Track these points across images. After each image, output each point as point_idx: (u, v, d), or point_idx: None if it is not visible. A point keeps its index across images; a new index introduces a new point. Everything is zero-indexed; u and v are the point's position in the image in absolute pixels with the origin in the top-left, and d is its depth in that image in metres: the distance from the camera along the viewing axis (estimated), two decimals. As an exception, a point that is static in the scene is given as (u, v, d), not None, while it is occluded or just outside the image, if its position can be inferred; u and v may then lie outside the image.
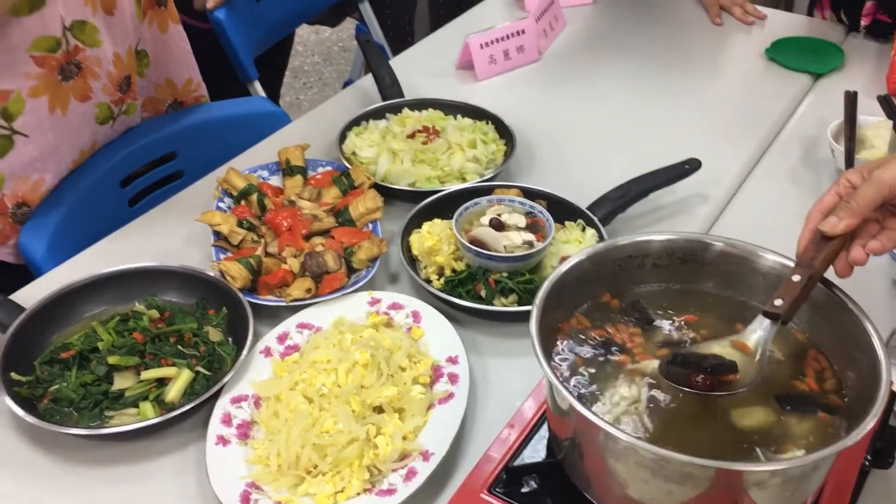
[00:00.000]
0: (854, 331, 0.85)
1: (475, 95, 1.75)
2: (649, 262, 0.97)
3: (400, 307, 1.22)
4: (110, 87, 1.41)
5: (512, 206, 1.33)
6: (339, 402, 1.04)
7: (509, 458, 0.91)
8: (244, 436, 1.04)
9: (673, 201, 1.47)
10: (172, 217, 1.42)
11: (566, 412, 0.83)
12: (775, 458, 0.78)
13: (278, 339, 1.17)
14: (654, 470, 0.75)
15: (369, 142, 1.54)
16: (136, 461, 1.04)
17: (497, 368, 1.17)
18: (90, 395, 1.07)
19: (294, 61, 3.95)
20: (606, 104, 1.76)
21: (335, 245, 1.28)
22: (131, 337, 1.12)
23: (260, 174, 1.46)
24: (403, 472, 0.99)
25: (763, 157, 1.61)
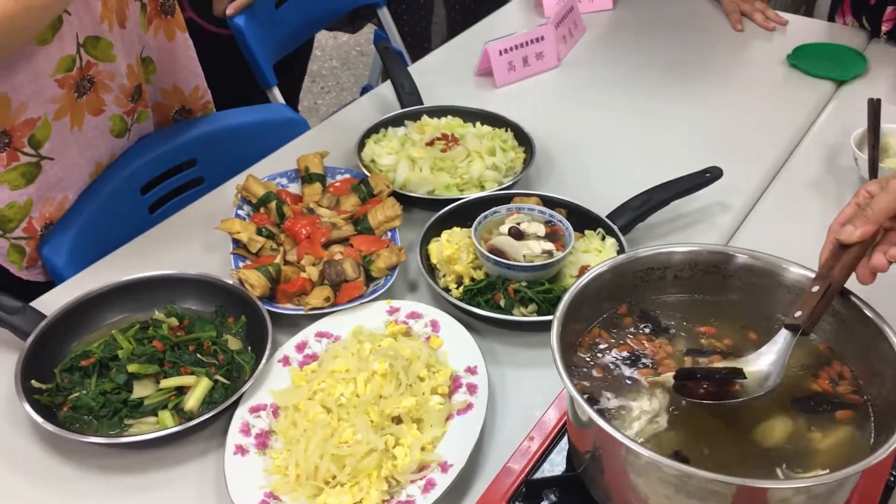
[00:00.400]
0: (879, 344, 0.84)
1: (494, 102, 1.75)
2: (671, 273, 0.96)
3: (419, 316, 1.21)
4: (122, 99, 1.42)
5: (531, 215, 1.32)
6: (358, 412, 1.04)
7: (529, 470, 0.90)
8: (262, 445, 1.04)
9: (694, 210, 1.45)
10: (192, 225, 1.43)
11: (586, 426, 0.82)
12: (800, 475, 0.77)
13: (297, 348, 1.16)
14: (677, 486, 0.74)
15: (388, 149, 1.54)
16: (154, 470, 1.04)
17: (516, 379, 1.16)
18: (110, 404, 1.07)
19: (312, 66, 3.97)
20: (626, 111, 1.75)
21: (354, 253, 1.28)
22: (151, 345, 1.12)
23: (279, 181, 1.46)
24: (422, 483, 0.98)
25: (785, 165, 1.59)
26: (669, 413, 0.84)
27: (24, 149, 1.28)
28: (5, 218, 1.30)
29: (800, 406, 0.85)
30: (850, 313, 0.88)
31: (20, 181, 1.29)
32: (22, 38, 1.15)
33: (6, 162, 1.26)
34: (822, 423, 0.83)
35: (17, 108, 1.24)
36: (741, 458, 0.80)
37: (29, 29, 1.14)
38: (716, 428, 0.83)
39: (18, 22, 1.09)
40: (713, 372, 0.84)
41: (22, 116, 1.25)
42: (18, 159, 1.28)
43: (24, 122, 1.26)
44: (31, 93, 1.25)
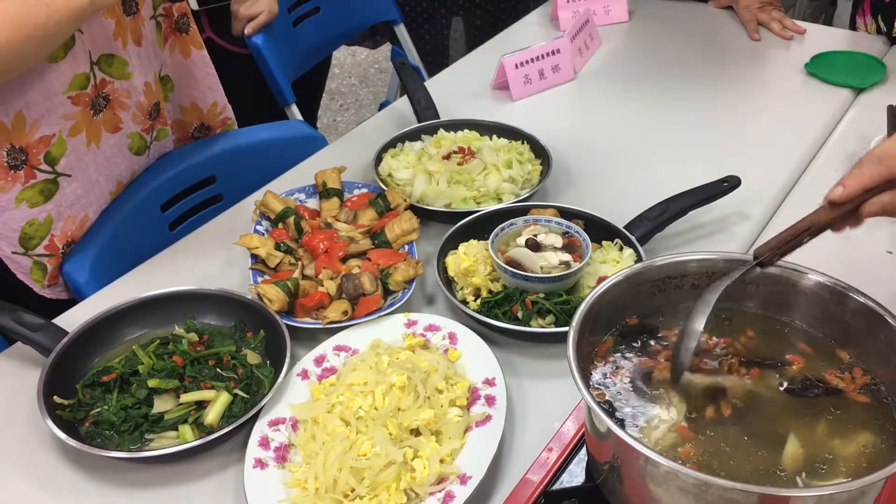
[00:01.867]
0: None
1: (511, 115, 1.75)
2: (688, 282, 0.95)
3: (436, 329, 1.21)
4: (140, 116, 1.44)
5: (548, 227, 1.32)
6: (377, 425, 1.04)
7: (548, 481, 0.90)
8: (282, 459, 1.04)
9: (712, 220, 1.45)
10: (211, 241, 1.44)
11: (605, 436, 0.82)
12: (821, 482, 0.76)
13: (315, 362, 1.17)
14: (696, 495, 0.73)
15: (405, 163, 1.54)
16: (175, 484, 1.05)
17: (535, 390, 1.16)
18: (130, 418, 1.08)
19: (331, 83, 4.00)
20: (643, 122, 1.75)
21: (371, 267, 1.29)
22: (171, 360, 1.13)
23: (297, 197, 1.47)
24: (441, 495, 0.98)
25: (804, 174, 1.58)
26: (688, 421, 0.83)
27: (40, 166, 1.30)
28: (27, 235, 1.32)
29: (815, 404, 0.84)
30: (871, 318, 0.87)
31: (38, 198, 1.31)
32: (22, 65, 1.16)
33: (24, 180, 1.28)
34: (843, 430, 0.82)
35: (32, 125, 1.26)
36: (762, 466, 0.79)
37: (29, 57, 1.15)
38: (736, 436, 0.82)
39: (19, 49, 1.11)
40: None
41: (36, 133, 1.27)
42: (35, 177, 1.30)
43: (39, 139, 1.28)
44: (45, 110, 1.27)
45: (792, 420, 0.83)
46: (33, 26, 1.10)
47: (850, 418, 0.84)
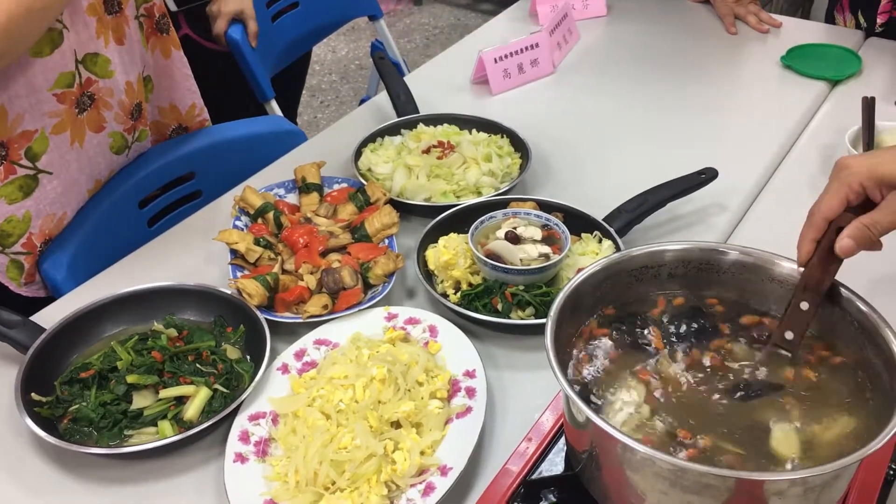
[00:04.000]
0: (876, 339, 0.84)
1: (490, 110, 1.76)
2: (665, 272, 0.96)
3: (416, 322, 1.21)
4: (122, 116, 1.43)
5: (528, 219, 1.33)
6: (357, 418, 1.04)
7: (527, 471, 0.90)
8: (262, 453, 1.04)
9: (690, 212, 1.46)
10: (190, 237, 1.44)
11: (583, 424, 0.82)
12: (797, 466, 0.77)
13: (295, 356, 1.17)
14: (672, 481, 0.74)
15: (385, 158, 1.54)
16: (155, 480, 1.04)
17: (515, 382, 1.16)
18: (109, 415, 1.07)
19: (311, 80, 3.99)
20: (622, 115, 1.76)
21: (351, 261, 1.29)
22: (150, 356, 1.13)
23: (276, 192, 1.47)
24: (422, 487, 0.98)
25: (780, 165, 1.60)
26: (650, 402, 0.84)
27: (20, 161, 1.29)
28: (4, 233, 1.31)
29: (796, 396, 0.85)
30: (845, 307, 0.88)
31: (17, 194, 1.30)
32: (24, 41, 1.15)
33: (3, 175, 1.27)
34: (819, 416, 0.83)
35: (14, 120, 1.25)
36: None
37: (30, 32, 1.14)
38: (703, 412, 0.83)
39: (21, 24, 1.10)
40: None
41: (18, 128, 1.26)
42: (15, 172, 1.29)
43: (20, 134, 1.27)
44: (28, 105, 1.26)
45: (768, 409, 0.84)
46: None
47: (825, 403, 0.84)
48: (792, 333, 0.87)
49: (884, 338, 0.82)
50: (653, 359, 0.89)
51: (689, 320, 0.94)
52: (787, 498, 0.73)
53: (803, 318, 0.87)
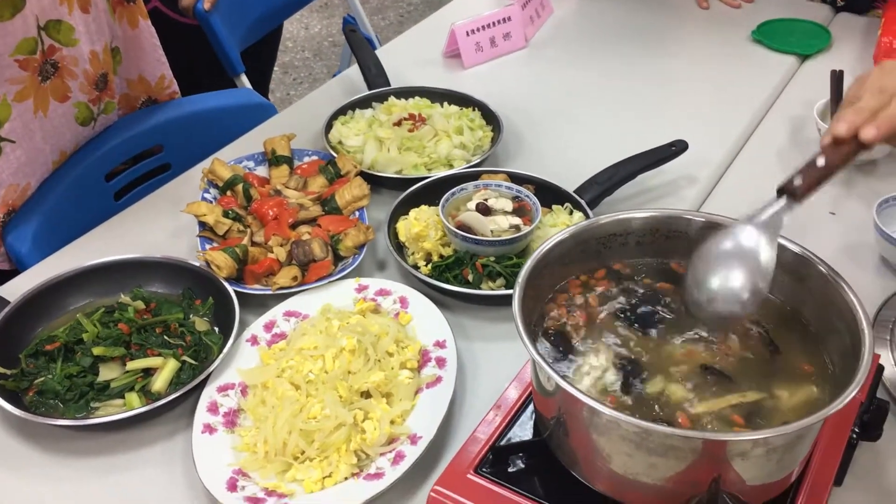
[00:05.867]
0: (838, 302, 0.85)
1: (462, 83, 1.75)
2: (633, 239, 0.96)
3: (387, 293, 1.21)
4: (87, 86, 1.41)
5: (499, 191, 1.33)
6: (326, 388, 1.04)
7: (496, 438, 0.91)
8: (231, 424, 1.04)
9: (661, 183, 1.46)
10: (158, 210, 1.42)
11: (550, 389, 0.83)
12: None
13: (265, 328, 1.16)
14: (637, 443, 0.74)
15: (355, 130, 1.53)
16: (123, 451, 1.03)
17: (485, 352, 1.17)
18: (76, 387, 1.06)
19: (284, 57, 3.95)
20: (593, 89, 1.76)
21: (321, 233, 1.28)
22: (116, 328, 1.12)
23: (245, 165, 1.45)
24: (391, 455, 0.99)
25: (750, 138, 1.61)
26: (616, 366, 0.84)
27: None
28: None
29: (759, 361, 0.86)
30: (807, 270, 0.89)
31: None
32: None
33: None
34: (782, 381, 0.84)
35: None
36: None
37: None
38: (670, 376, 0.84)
39: None
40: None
41: None
42: None
43: None
44: None
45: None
46: None
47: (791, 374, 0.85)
48: (801, 180, 0.85)
49: (845, 301, 0.83)
50: (621, 325, 0.90)
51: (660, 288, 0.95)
52: (749, 458, 0.74)
53: (816, 172, 0.86)
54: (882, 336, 1.11)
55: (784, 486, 0.82)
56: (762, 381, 0.84)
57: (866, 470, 0.98)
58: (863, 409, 0.93)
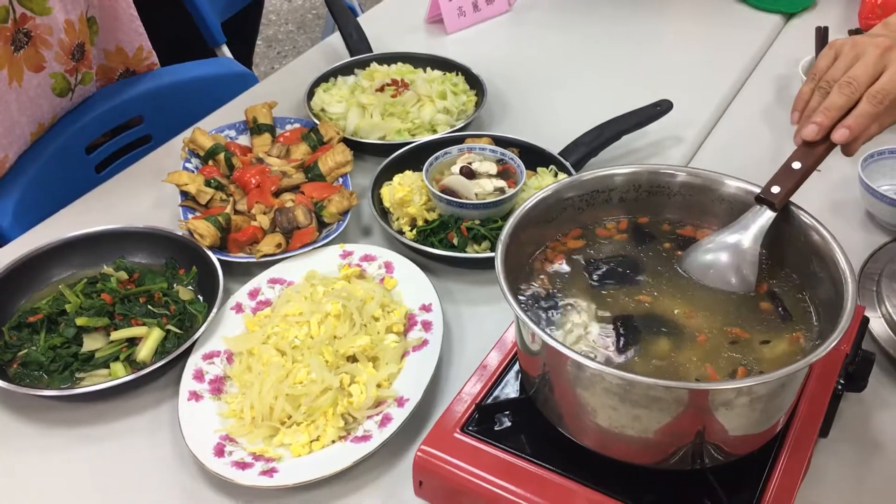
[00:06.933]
0: (821, 252, 0.84)
1: (445, 49, 1.73)
2: (616, 196, 0.96)
3: (372, 259, 1.20)
4: (63, 56, 1.38)
5: (483, 154, 1.32)
6: (312, 353, 1.03)
7: (482, 397, 0.90)
8: (217, 391, 1.03)
9: (647, 144, 1.46)
10: (139, 181, 1.41)
11: (534, 345, 0.82)
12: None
13: (249, 295, 1.15)
14: (621, 396, 0.74)
15: (338, 97, 1.52)
16: (109, 421, 1.03)
17: (472, 315, 1.16)
18: (60, 358, 1.06)
19: (268, 30, 3.91)
20: (577, 51, 1.74)
21: (305, 200, 1.27)
22: (99, 298, 1.11)
23: (227, 134, 1.44)
24: (378, 418, 0.98)
25: (736, 97, 1.60)
26: (598, 321, 0.84)
27: None
28: None
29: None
30: (790, 221, 0.88)
31: None
32: None
33: None
34: (768, 329, 0.84)
35: None
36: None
37: None
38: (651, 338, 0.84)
39: None
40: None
41: None
42: None
43: None
44: None
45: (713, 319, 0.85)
46: None
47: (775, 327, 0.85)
48: (779, 188, 0.87)
49: (830, 251, 0.83)
50: (604, 281, 0.89)
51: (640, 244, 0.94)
52: (733, 408, 0.74)
53: (792, 177, 0.88)
54: (868, 288, 1.12)
55: (769, 437, 0.82)
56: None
57: (852, 422, 0.99)
58: (848, 360, 0.93)
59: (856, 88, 0.88)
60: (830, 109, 0.88)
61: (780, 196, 0.87)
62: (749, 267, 0.87)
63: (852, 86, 0.88)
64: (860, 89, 0.88)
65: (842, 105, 0.88)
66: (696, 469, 0.80)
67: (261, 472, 0.93)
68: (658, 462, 0.80)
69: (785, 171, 0.88)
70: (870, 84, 0.88)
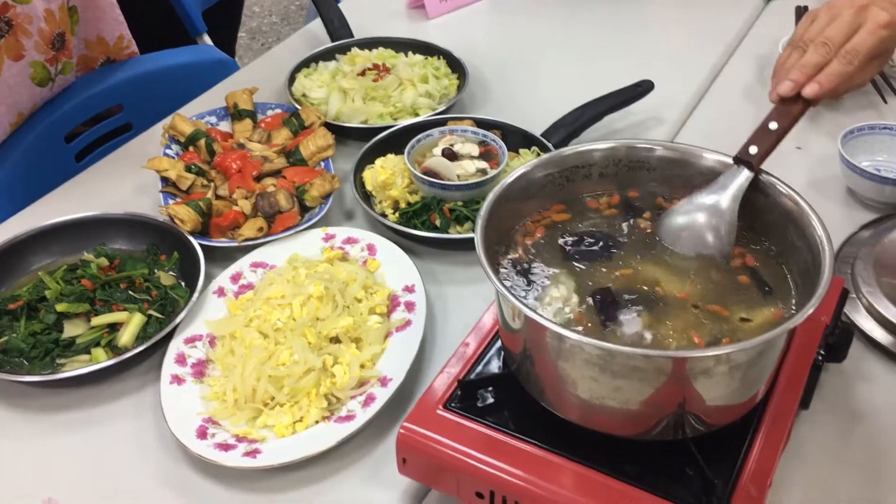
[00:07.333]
0: (799, 222, 0.85)
1: (427, 34, 1.72)
2: (596, 171, 0.96)
3: (355, 241, 1.20)
4: (42, 45, 1.37)
5: (465, 136, 1.31)
6: (295, 335, 1.03)
7: (464, 374, 0.90)
8: (200, 374, 1.03)
9: (629, 125, 1.46)
10: (120, 168, 1.40)
11: (514, 319, 0.82)
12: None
13: (231, 279, 1.15)
14: (601, 367, 0.74)
15: (319, 82, 1.51)
16: (91, 406, 1.03)
17: (455, 296, 1.16)
18: (40, 345, 1.05)
19: (251, 22, 3.89)
20: (559, 35, 1.74)
21: (287, 184, 1.26)
22: (80, 284, 1.10)
23: (208, 120, 1.43)
24: (362, 398, 0.98)
25: (717, 77, 1.60)
26: (580, 295, 0.84)
27: None
28: None
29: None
30: (769, 193, 0.89)
31: None
32: None
33: None
34: (747, 303, 0.84)
35: None
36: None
37: None
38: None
39: None
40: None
41: None
42: None
43: None
44: None
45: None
46: None
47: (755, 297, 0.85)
48: (756, 148, 0.88)
49: (806, 219, 0.83)
50: (585, 254, 0.89)
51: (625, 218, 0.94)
52: (713, 377, 0.74)
53: (769, 137, 0.89)
54: (844, 272, 1.12)
55: (750, 407, 0.82)
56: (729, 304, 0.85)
57: (833, 395, 0.99)
58: (828, 331, 0.93)
59: (831, 48, 0.89)
60: (806, 67, 0.89)
61: (757, 156, 0.88)
62: (726, 228, 0.87)
63: (827, 45, 0.89)
64: (835, 48, 0.89)
65: (816, 63, 0.89)
66: (678, 440, 0.80)
67: (244, 454, 0.93)
68: (640, 433, 0.80)
69: (762, 131, 0.89)
70: (844, 43, 0.88)
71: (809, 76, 0.90)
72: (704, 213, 0.89)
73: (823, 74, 0.89)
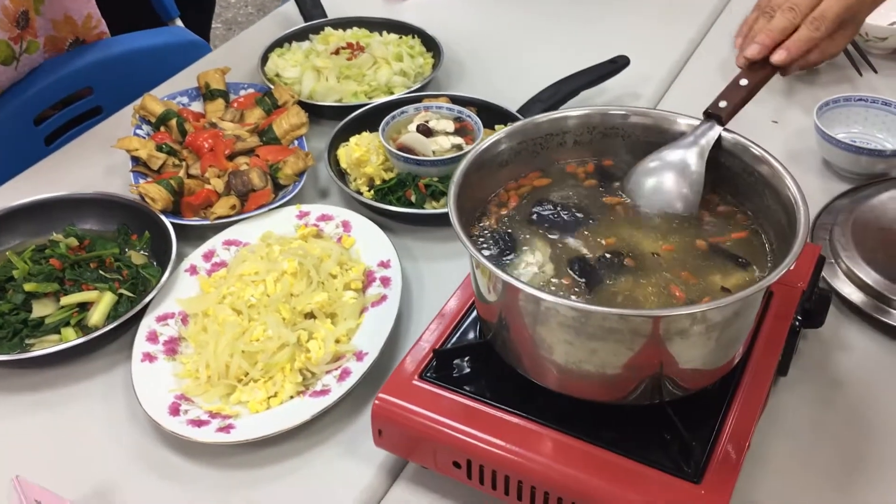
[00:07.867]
0: (773, 184, 0.84)
1: (402, 16, 1.70)
2: (570, 139, 0.95)
3: (329, 218, 1.19)
4: (6, 23, 1.34)
5: (440, 113, 1.30)
6: (269, 311, 1.01)
7: (440, 344, 0.89)
8: (172, 352, 1.01)
9: (606, 101, 1.45)
10: (89, 150, 1.37)
11: (489, 284, 0.81)
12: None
13: (204, 257, 1.13)
14: (577, 329, 0.73)
15: (292, 62, 1.49)
16: (62, 386, 1.01)
17: (431, 272, 1.15)
18: (8, 325, 1.03)
19: (227, 13, 3.86)
20: (535, 13, 1.73)
21: (260, 163, 1.25)
22: (48, 264, 1.08)
23: (179, 101, 1.41)
24: (337, 373, 0.97)
25: (694, 53, 1.60)
26: (555, 261, 0.83)
27: None
28: None
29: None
30: (742, 156, 0.88)
31: None
32: None
33: None
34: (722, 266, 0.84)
35: None
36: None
37: None
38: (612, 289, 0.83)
39: None
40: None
41: None
42: None
43: None
44: None
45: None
46: None
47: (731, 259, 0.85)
48: (726, 102, 0.88)
49: (781, 180, 0.83)
50: (559, 222, 0.88)
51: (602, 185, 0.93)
52: (689, 336, 0.73)
53: (739, 93, 0.89)
54: (822, 238, 1.12)
55: (727, 370, 0.82)
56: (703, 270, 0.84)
57: (811, 362, 0.99)
58: (805, 297, 0.93)
59: (798, 13, 0.88)
60: (773, 31, 0.89)
61: (727, 110, 0.88)
62: (695, 184, 0.87)
63: (794, 11, 0.88)
64: (802, 13, 0.88)
65: (783, 27, 0.89)
66: (656, 404, 0.79)
67: (217, 429, 0.91)
68: (617, 398, 0.79)
69: (732, 86, 0.90)
70: (812, 9, 0.88)
71: (776, 41, 0.89)
72: (672, 169, 0.88)
73: (791, 41, 0.89)
